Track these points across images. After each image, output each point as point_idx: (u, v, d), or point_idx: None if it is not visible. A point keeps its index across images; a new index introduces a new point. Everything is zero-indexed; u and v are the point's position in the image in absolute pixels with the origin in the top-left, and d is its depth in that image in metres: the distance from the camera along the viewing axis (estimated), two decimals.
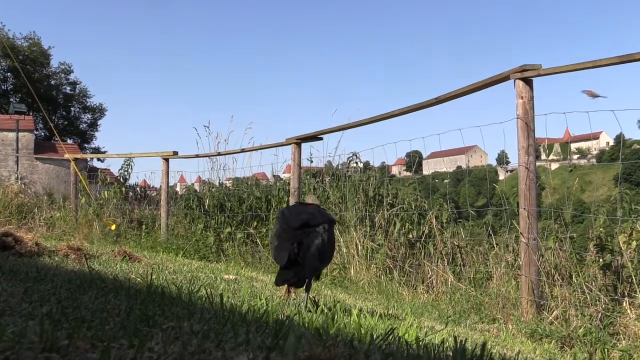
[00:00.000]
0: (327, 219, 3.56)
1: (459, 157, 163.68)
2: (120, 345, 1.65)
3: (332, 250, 3.58)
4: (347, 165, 10.12)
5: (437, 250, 7.16)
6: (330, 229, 3.52)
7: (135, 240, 10.27)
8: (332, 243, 3.51)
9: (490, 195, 7.98)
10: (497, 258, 6.25)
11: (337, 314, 2.93)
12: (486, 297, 5.59)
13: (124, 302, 2.48)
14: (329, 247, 3.44)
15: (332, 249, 3.54)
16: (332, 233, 3.53)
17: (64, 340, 1.61)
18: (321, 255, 3.34)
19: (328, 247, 3.42)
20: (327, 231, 3.45)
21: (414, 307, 5.47)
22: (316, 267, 3.37)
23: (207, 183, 11.27)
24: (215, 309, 2.48)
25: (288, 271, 3.26)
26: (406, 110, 6.69)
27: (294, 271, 3.26)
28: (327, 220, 3.53)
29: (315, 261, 3.30)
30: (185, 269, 5.51)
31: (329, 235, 3.46)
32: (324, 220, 3.50)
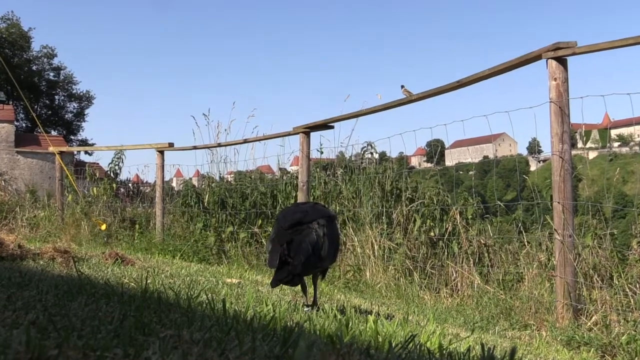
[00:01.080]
0: (324, 214, 3.67)
1: (486, 146, 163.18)
2: (114, 355, 1.67)
3: (334, 246, 3.67)
4: (361, 157, 10.13)
5: (462, 249, 7.16)
6: (329, 224, 3.61)
7: (127, 242, 10.32)
8: (333, 239, 3.60)
9: (521, 188, 7.96)
10: (529, 258, 6.24)
11: (351, 320, 2.94)
12: (517, 301, 5.58)
13: (116, 308, 2.50)
14: (329, 242, 3.53)
15: (333, 245, 3.63)
16: (332, 229, 3.63)
17: (52, 350, 1.63)
18: (315, 250, 3.44)
19: (327, 242, 3.51)
20: (324, 226, 3.55)
21: (436, 313, 5.47)
22: (312, 262, 3.45)
23: (206, 177, 11.30)
24: (218, 316, 2.49)
25: (281, 271, 3.35)
26: (426, 95, 6.68)
27: (286, 270, 3.34)
28: (322, 216, 3.62)
29: (310, 256, 3.39)
30: (183, 272, 5.53)
31: (329, 231, 3.55)
32: (320, 216, 3.61)
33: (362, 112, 7.73)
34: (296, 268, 3.33)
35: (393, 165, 9.26)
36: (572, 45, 5.01)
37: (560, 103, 5.03)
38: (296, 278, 3.38)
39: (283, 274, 3.35)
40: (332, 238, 3.58)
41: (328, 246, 3.52)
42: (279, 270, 3.36)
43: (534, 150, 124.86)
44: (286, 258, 3.35)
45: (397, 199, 8.31)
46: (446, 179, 9.88)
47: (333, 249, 3.64)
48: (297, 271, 3.34)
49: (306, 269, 3.46)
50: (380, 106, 7.38)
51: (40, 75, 45.05)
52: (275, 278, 3.36)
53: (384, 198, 8.27)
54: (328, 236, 3.53)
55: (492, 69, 5.72)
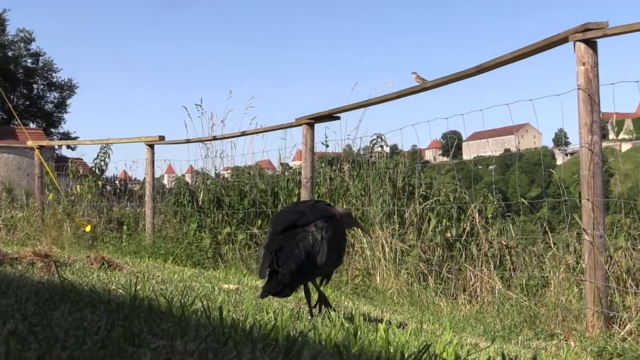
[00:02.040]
0: (324, 214, 3.64)
1: (507, 137, 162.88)
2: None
3: (336, 250, 3.63)
4: (370, 150, 10.13)
5: (481, 251, 7.16)
6: (331, 225, 3.58)
7: (114, 244, 10.34)
8: (334, 242, 3.57)
9: (546, 184, 7.95)
10: (555, 260, 6.24)
11: (360, 328, 2.94)
12: (542, 308, 5.58)
13: (103, 317, 2.51)
14: (329, 247, 3.49)
15: (334, 249, 3.59)
16: (334, 230, 3.60)
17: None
18: (310, 257, 3.40)
19: (326, 247, 3.47)
20: (323, 229, 3.51)
21: (453, 321, 5.47)
22: (307, 271, 3.43)
23: (200, 174, 11.33)
24: (214, 325, 2.50)
25: (270, 281, 3.33)
26: (441, 81, 6.67)
27: (275, 280, 3.31)
28: (322, 216, 3.60)
29: (303, 264, 3.35)
30: (176, 277, 5.54)
31: (329, 233, 3.52)
32: (319, 217, 3.58)
33: (371, 101, 7.72)
34: (285, 278, 3.29)
35: (405, 160, 9.26)
36: (603, 26, 5.00)
37: (590, 90, 5.03)
38: (286, 289, 3.34)
39: (272, 284, 3.32)
40: (333, 241, 3.55)
41: (327, 251, 3.48)
42: (269, 281, 3.35)
43: (561, 142, 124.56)
44: (275, 267, 3.32)
45: (409, 196, 8.31)
46: (464, 174, 9.88)
47: (335, 253, 3.60)
48: (286, 281, 3.30)
49: (298, 279, 3.43)
50: (392, 95, 7.37)
51: (16, 61, 45.13)
52: (264, 289, 3.35)
53: (396, 195, 8.27)
54: (328, 239, 3.49)
55: (514, 52, 5.71)
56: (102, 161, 12.94)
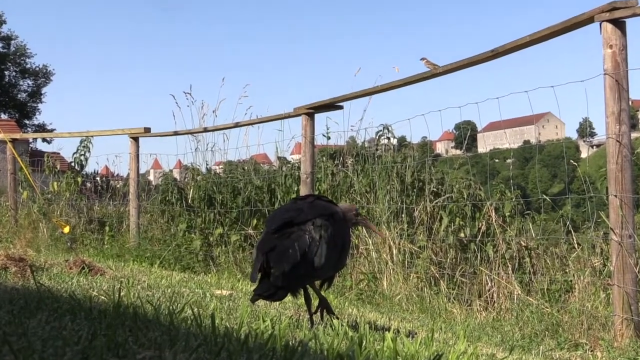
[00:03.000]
0: (324, 212, 3.66)
1: (527, 128, 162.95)
2: None
3: (337, 251, 3.65)
4: (376, 142, 10.13)
5: (499, 253, 7.16)
6: (332, 224, 3.61)
7: (96, 247, 10.35)
8: (335, 242, 3.60)
9: (570, 179, 7.94)
10: (580, 263, 6.25)
11: (365, 337, 2.95)
12: (565, 316, 5.59)
13: (84, 326, 2.52)
14: (328, 247, 3.52)
15: (335, 250, 3.62)
16: (335, 229, 3.62)
17: None
18: (306, 258, 3.42)
19: (324, 247, 3.50)
20: (322, 227, 3.53)
21: (467, 329, 5.48)
22: (303, 273, 3.46)
23: (190, 169, 11.31)
24: (205, 334, 2.51)
25: (262, 284, 3.39)
26: (454, 67, 6.66)
27: (267, 283, 3.36)
28: (322, 214, 3.62)
29: (298, 265, 3.37)
30: (163, 282, 5.56)
31: (329, 233, 3.54)
32: (318, 214, 3.60)
33: (376, 88, 7.72)
34: (277, 280, 3.32)
35: (414, 153, 9.25)
36: (632, 5, 4.99)
37: (617, 75, 5.02)
38: (280, 292, 3.38)
39: (263, 287, 3.37)
40: (333, 241, 3.57)
41: (327, 252, 3.50)
42: (260, 283, 3.38)
43: (585, 133, 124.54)
44: (267, 270, 3.36)
45: (419, 193, 8.32)
46: (479, 169, 9.88)
47: (336, 254, 3.62)
48: (279, 284, 3.34)
49: (293, 281, 3.46)
50: (399, 81, 7.37)
51: None
52: (255, 292, 3.40)
53: (404, 192, 8.27)
54: (328, 239, 3.52)
55: (533, 35, 5.71)
56: (81, 156, 12.93)
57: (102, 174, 15.44)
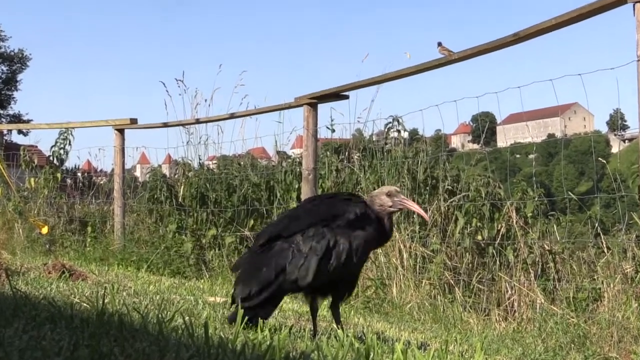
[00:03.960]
0: (325, 217, 3.68)
1: (551, 120, 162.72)
2: None
3: (342, 259, 3.65)
4: (384, 136, 10.13)
5: (520, 257, 7.16)
6: (330, 230, 3.63)
7: (77, 249, 10.36)
8: (336, 252, 3.61)
9: (599, 177, 7.92)
10: (610, 269, 6.24)
11: (373, 349, 2.96)
12: (593, 327, 5.60)
13: (65, 336, 2.52)
14: (325, 258, 3.57)
15: (339, 259, 3.63)
16: (339, 238, 3.64)
17: None
18: (285, 276, 3.51)
19: (317, 260, 3.54)
20: (314, 237, 3.57)
21: (485, 341, 5.49)
22: (282, 291, 3.59)
23: (180, 164, 11.32)
24: (198, 345, 2.52)
25: (233, 306, 3.57)
26: (471, 53, 6.67)
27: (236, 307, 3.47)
28: (322, 220, 3.65)
29: (274, 285, 3.49)
30: (151, 289, 5.57)
31: (324, 243, 3.58)
32: (315, 222, 3.64)
33: (385, 76, 7.72)
34: (244, 303, 3.46)
35: (427, 147, 9.26)
36: None
37: None
38: (258, 312, 3.50)
39: (234, 312, 3.49)
40: (329, 252, 3.59)
41: (316, 265, 3.54)
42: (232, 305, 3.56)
43: (616, 125, 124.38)
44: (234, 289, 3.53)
45: (432, 191, 8.32)
46: (498, 165, 9.88)
47: (338, 264, 3.62)
48: (252, 305, 3.47)
49: (269, 301, 3.55)
50: (410, 69, 7.37)
51: None
52: (229, 315, 3.57)
53: (416, 190, 8.28)
54: (320, 251, 3.55)
55: (559, 17, 5.71)
56: (61, 149, 12.94)
57: (84, 170, 15.43)
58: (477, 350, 3.60)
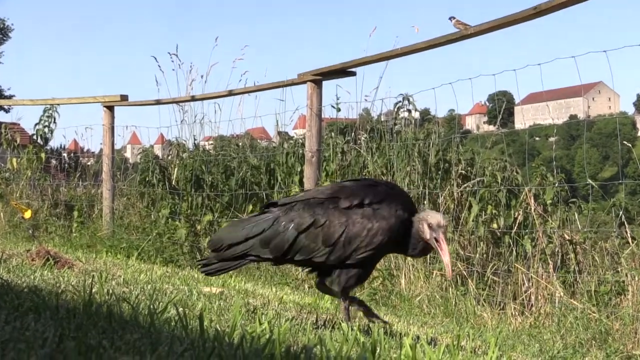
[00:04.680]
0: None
1: (574, 100, 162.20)
2: None
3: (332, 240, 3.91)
4: (394, 116, 10.12)
5: (538, 248, 7.17)
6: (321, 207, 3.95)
7: (62, 235, 10.39)
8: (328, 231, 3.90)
9: (624, 162, 7.91)
10: (634, 260, 6.25)
11: (379, 344, 2.97)
12: (616, 322, 5.61)
13: (50, 327, 2.53)
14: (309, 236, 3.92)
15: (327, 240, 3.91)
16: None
17: None
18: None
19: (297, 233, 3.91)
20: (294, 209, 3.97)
21: (500, 337, 5.50)
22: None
23: (174, 145, 11.32)
24: (192, 338, 2.53)
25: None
26: (488, 27, 6.65)
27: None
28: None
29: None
30: (142, 278, 5.58)
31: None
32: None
33: (395, 52, 7.71)
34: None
35: (440, 129, 9.26)
36: None
37: None
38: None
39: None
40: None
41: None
42: None
43: None
44: None
45: (445, 175, 8.32)
46: (516, 148, 9.90)
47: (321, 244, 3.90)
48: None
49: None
50: (422, 44, 7.36)
51: None
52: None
53: (427, 175, 8.28)
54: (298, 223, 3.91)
55: None
56: (45, 127, 12.93)
57: (70, 150, 15.43)
58: (491, 346, 3.61)
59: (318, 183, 8.10)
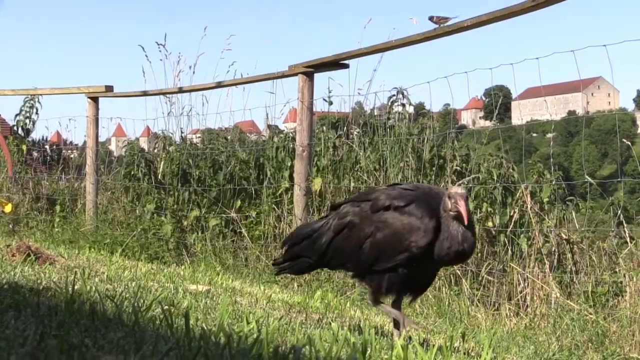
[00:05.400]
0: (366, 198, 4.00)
1: (572, 96, 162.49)
2: None
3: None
4: (387, 110, 10.11)
5: (534, 247, 7.18)
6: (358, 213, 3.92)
7: (44, 230, 10.37)
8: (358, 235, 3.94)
9: (623, 159, 7.93)
10: (633, 261, 6.27)
11: (370, 345, 2.98)
12: (614, 324, 5.62)
13: (31, 325, 2.53)
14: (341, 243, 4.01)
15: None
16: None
17: None
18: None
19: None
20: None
21: (494, 338, 5.51)
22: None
23: (160, 138, 11.30)
24: (178, 337, 2.54)
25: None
26: (485, 19, 6.66)
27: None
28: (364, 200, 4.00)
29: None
30: (126, 275, 5.58)
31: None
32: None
33: (390, 44, 7.72)
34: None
35: (434, 124, 9.25)
36: None
37: None
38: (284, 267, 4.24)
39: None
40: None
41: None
42: None
43: None
44: None
45: (439, 172, 8.33)
46: (512, 144, 9.90)
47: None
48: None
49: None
50: (417, 36, 7.37)
51: None
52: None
53: (421, 171, 8.28)
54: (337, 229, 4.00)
55: None
56: (27, 118, 12.91)
57: (53, 142, 15.38)
58: (484, 347, 3.63)
59: (309, 178, 8.11)
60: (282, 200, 8.90)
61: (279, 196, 9.02)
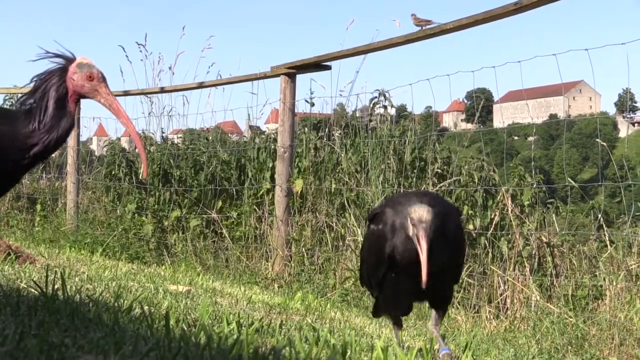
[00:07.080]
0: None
1: (554, 99, 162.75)
2: None
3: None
4: (369, 112, 10.13)
5: (514, 250, 7.20)
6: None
7: (24, 229, 10.32)
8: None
9: (604, 163, 7.96)
10: (613, 265, 6.29)
11: (350, 347, 2.98)
12: (593, 327, 5.64)
13: (10, 324, 2.53)
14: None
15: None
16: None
17: None
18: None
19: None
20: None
21: (474, 341, 5.52)
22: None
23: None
24: (158, 337, 2.53)
25: None
26: (467, 22, 6.68)
27: None
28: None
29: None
30: (107, 274, 5.57)
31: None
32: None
33: (372, 46, 7.73)
34: None
35: (416, 126, 9.27)
36: None
37: None
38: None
39: None
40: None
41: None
42: None
43: (625, 106, 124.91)
44: None
45: (420, 174, 8.34)
46: (493, 147, 9.95)
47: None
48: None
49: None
50: (399, 38, 7.38)
51: None
52: None
53: (402, 173, 8.29)
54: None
55: None
56: None
57: None
58: (465, 350, 3.64)
59: (290, 180, 8.11)
60: (263, 201, 8.90)
61: (260, 197, 9.02)
